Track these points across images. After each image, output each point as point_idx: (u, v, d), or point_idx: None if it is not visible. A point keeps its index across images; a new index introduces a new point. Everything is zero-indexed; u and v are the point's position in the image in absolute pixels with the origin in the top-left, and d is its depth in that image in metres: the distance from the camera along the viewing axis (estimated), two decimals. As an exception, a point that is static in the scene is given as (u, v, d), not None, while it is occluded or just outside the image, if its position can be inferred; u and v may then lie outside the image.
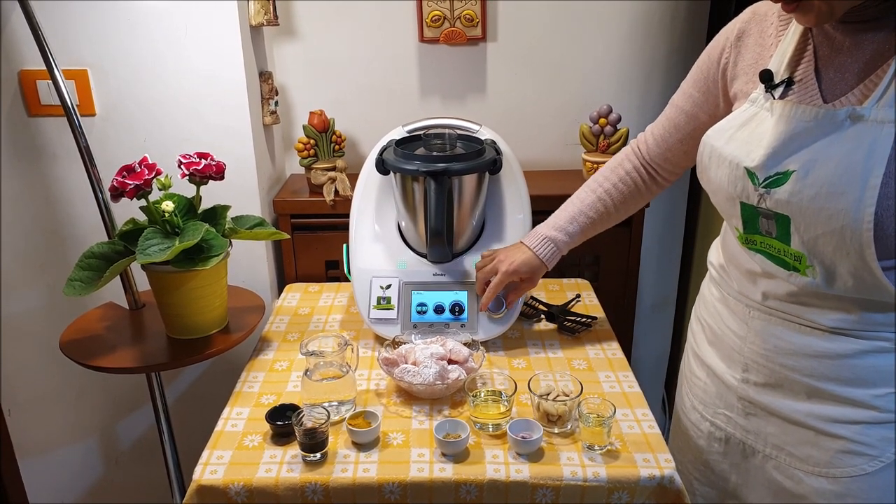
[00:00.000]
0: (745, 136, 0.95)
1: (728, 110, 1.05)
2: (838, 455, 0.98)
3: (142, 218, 1.29)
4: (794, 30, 0.95)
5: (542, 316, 1.50)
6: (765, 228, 0.96)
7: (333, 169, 1.73)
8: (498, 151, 1.39)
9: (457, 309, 1.37)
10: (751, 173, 0.93)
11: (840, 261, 0.88)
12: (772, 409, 1.04)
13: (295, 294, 1.65)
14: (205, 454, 1.09)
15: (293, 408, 1.14)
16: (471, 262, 1.41)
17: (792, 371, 1.00)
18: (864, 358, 0.94)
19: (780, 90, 0.93)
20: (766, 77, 0.94)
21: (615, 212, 1.28)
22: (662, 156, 1.22)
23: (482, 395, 1.17)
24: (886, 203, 0.83)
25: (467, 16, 1.73)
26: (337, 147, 1.76)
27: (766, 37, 0.99)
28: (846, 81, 0.89)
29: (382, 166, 1.36)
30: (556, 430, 1.11)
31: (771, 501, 1.08)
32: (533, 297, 1.55)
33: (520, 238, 1.41)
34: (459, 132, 1.44)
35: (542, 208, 1.58)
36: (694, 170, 2.13)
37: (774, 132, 0.91)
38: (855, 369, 0.95)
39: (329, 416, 1.08)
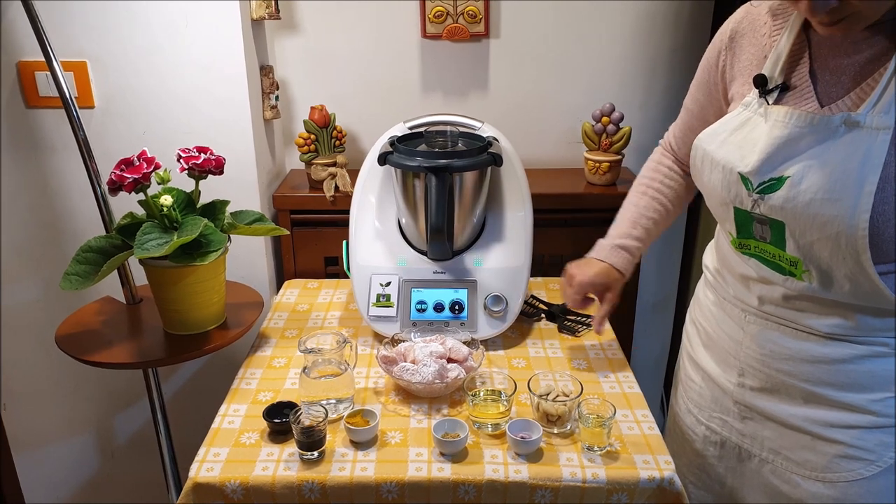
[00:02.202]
0: (738, 141, 0.94)
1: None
2: (835, 460, 0.98)
3: (140, 212, 1.28)
4: (788, 33, 0.94)
5: (542, 315, 1.49)
6: (759, 233, 0.95)
7: (334, 164, 1.71)
8: (499, 149, 1.38)
9: (456, 307, 1.36)
10: (744, 178, 0.92)
11: (836, 266, 0.88)
12: (768, 413, 1.04)
13: (294, 290, 1.64)
14: (201, 451, 1.08)
15: (291, 405, 1.13)
16: (471, 260, 1.40)
17: (788, 376, 0.99)
18: (860, 363, 0.94)
19: (774, 95, 0.93)
20: (760, 82, 0.93)
21: (672, 208, 1.23)
22: (687, 155, 1.20)
23: (481, 394, 1.16)
24: (882, 208, 0.82)
25: (470, 12, 1.72)
26: (338, 143, 1.75)
27: (760, 36, 0.98)
28: (842, 84, 0.88)
29: (384, 160, 1.35)
30: (556, 431, 1.10)
31: None
32: (533, 297, 1.55)
33: (521, 235, 1.40)
34: (461, 129, 1.43)
35: (543, 206, 1.57)
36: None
37: (769, 138, 0.90)
38: (852, 374, 0.94)
39: (327, 414, 1.07)
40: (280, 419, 1.10)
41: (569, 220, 1.75)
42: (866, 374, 0.94)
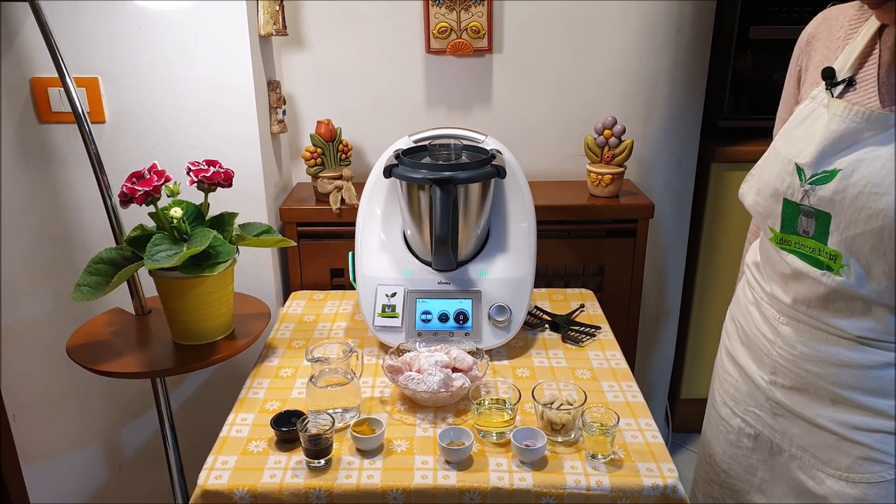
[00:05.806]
0: (800, 134, 0.98)
1: None
2: (858, 461, 1.00)
3: (150, 224, 1.30)
4: (864, 33, 0.96)
5: (546, 325, 1.50)
6: (803, 228, 0.97)
7: (340, 178, 1.74)
8: (503, 161, 1.40)
9: (461, 317, 1.37)
10: (800, 169, 0.95)
11: (876, 261, 0.90)
12: (797, 411, 1.06)
13: (300, 301, 1.65)
14: (210, 459, 1.09)
15: (298, 414, 1.15)
16: (475, 270, 1.41)
17: (817, 377, 1.02)
18: (887, 370, 0.96)
19: (839, 89, 0.95)
20: (828, 74, 0.96)
21: None
22: None
23: (486, 403, 1.17)
24: None
25: (474, 27, 1.75)
26: (343, 156, 1.77)
27: (835, 39, 1.01)
28: None
29: (389, 173, 1.37)
30: (560, 439, 1.12)
31: (793, 499, 1.09)
32: (537, 307, 1.56)
33: (525, 246, 1.42)
34: (465, 142, 1.45)
35: (546, 218, 1.59)
36: (697, 181, 2.13)
37: (826, 131, 0.93)
38: (878, 380, 0.96)
39: (334, 423, 1.08)
40: (287, 428, 1.12)
41: (572, 232, 1.77)
42: (891, 380, 0.96)
